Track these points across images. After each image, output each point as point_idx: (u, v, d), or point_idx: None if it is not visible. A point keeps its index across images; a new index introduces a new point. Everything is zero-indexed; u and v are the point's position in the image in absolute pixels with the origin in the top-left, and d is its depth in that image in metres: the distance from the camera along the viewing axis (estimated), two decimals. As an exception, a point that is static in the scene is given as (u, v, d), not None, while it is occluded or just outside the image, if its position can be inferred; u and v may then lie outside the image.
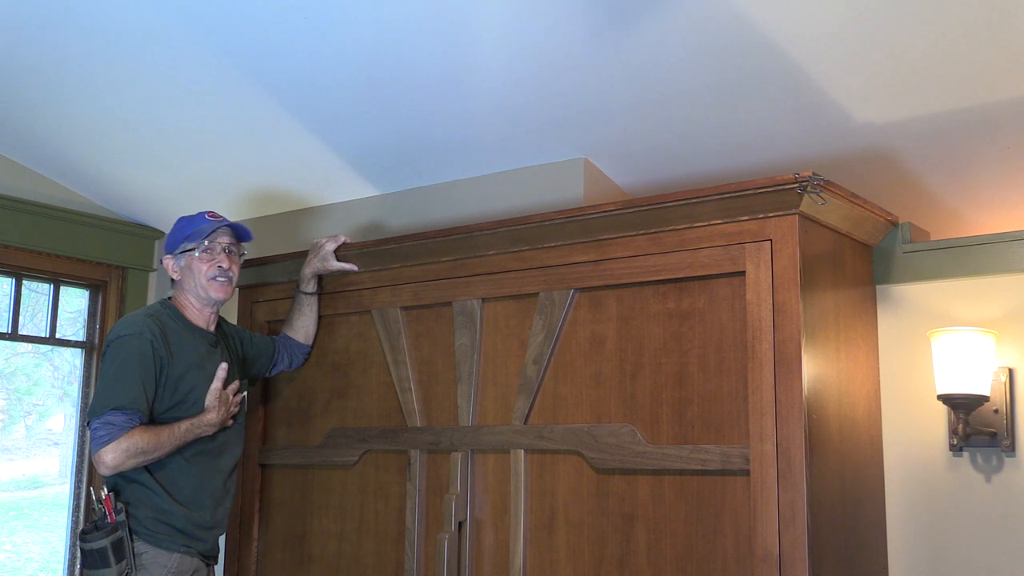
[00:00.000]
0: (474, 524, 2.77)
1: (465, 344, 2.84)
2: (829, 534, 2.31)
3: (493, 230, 2.78)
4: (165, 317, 2.77)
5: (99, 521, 2.62)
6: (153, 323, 2.72)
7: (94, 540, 2.58)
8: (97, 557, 2.58)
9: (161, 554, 2.65)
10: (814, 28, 2.43)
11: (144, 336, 2.68)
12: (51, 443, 4.35)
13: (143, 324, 2.71)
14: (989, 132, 2.69)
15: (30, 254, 3.92)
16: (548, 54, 2.68)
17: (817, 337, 2.36)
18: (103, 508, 2.62)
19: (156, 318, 2.74)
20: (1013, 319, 2.48)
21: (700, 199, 2.42)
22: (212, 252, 2.81)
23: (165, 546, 2.66)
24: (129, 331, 2.69)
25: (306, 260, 3.12)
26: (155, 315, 2.76)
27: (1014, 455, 2.44)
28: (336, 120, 3.22)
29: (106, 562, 2.57)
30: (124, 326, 2.73)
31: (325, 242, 3.11)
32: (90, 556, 2.58)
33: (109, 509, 2.61)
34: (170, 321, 2.76)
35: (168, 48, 2.93)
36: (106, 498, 2.62)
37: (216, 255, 2.82)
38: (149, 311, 2.79)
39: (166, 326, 2.74)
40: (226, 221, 2.85)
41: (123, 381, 2.63)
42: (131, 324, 2.72)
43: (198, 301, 2.83)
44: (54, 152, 3.78)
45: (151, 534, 2.65)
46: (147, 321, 2.72)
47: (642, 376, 2.53)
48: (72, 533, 4.03)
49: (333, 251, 3.10)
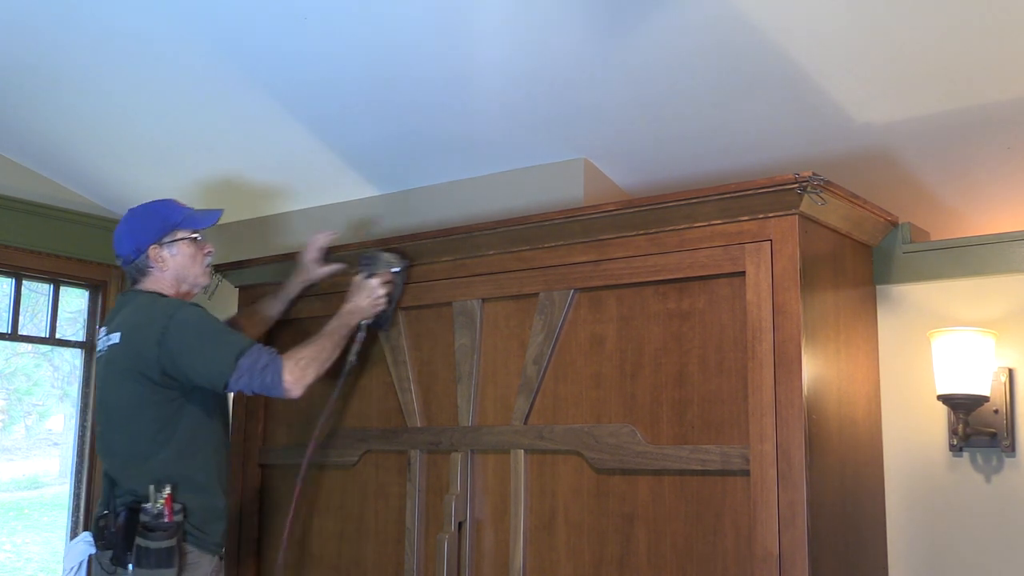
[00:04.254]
0: (474, 524, 2.77)
1: (465, 344, 2.84)
2: (829, 534, 2.31)
3: (493, 230, 2.78)
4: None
5: (153, 521, 2.55)
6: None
7: (160, 540, 2.52)
8: (163, 556, 2.52)
9: (204, 556, 2.63)
10: (814, 28, 2.43)
11: (186, 302, 2.66)
12: (51, 443, 4.36)
13: (174, 300, 2.68)
14: (989, 132, 2.69)
15: (30, 254, 3.92)
16: (548, 54, 2.68)
17: (817, 337, 2.36)
18: (161, 508, 2.56)
19: (167, 298, 2.71)
20: (1013, 319, 2.48)
21: (700, 199, 2.42)
22: (202, 238, 2.80)
23: (208, 548, 2.63)
24: (175, 307, 2.64)
25: (294, 274, 3.08)
26: (163, 297, 2.71)
27: (1014, 455, 2.44)
28: (336, 120, 3.21)
29: (170, 562, 2.52)
30: (164, 307, 2.64)
31: (307, 256, 3.06)
32: (155, 555, 2.51)
33: (169, 509, 2.56)
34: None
35: (168, 47, 2.93)
36: (167, 497, 2.56)
37: (206, 242, 2.80)
38: (154, 298, 2.72)
39: None
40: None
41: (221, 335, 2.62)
42: (167, 304, 2.66)
43: (187, 287, 2.78)
44: (54, 152, 3.78)
45: (199, 535, 2.62)
46: (171, 298, 2.69)
47: (642, 376, 2.53)
48: (72, 533, 4.03)
49: (314, 259, 3.05)
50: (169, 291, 2.75)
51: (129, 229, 2.78)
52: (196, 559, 2.61)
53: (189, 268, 2.76)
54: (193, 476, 2.64)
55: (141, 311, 2.68)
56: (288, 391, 2.59)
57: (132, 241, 2.76)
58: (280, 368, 2.59)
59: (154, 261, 2.74)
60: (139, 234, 2.75)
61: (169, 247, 2.74)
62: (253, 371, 2.57)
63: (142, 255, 2.74)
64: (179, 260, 2.75)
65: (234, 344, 2.60)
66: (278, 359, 2.60)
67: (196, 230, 2.78)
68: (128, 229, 2.79)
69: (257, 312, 3.13)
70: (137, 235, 2.75)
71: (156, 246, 2.73)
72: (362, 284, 2.84)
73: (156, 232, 2.74)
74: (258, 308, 3.14)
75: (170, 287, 2.76)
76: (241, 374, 2.56)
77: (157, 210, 2.78)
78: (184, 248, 2.75)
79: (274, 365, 2.59)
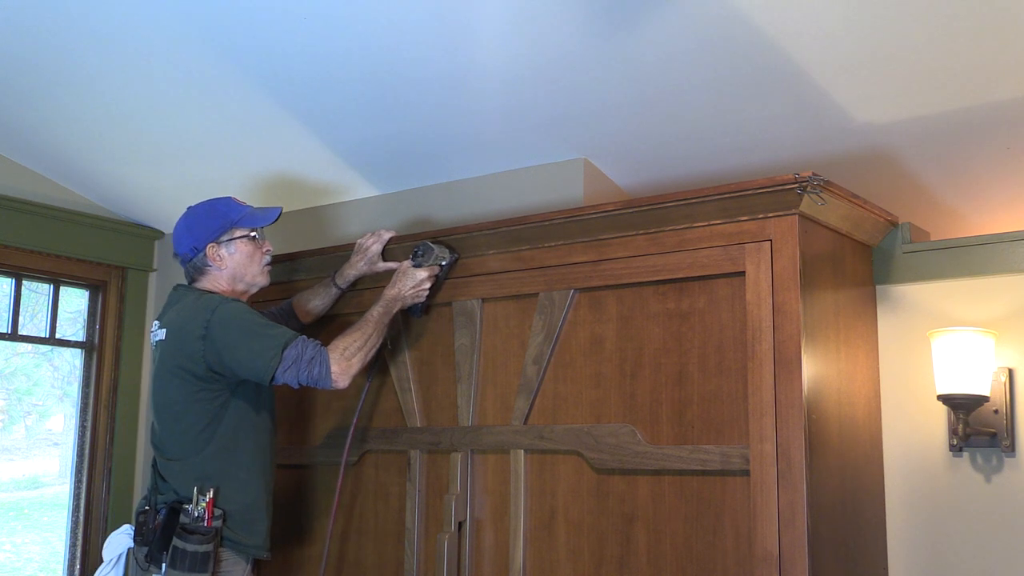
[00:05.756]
0: (474, 524, 2.77)
1: (465, 344, 2.84)
2: (829, 534, 2.31)
3: (493, 230, 2.78)
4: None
5: (192, 524, 2.53)
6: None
7: (197, 543, 2.50)
8: (199, 561, 2.49)
9: (239, 562, 2.61)
10: (814, 28, 2.43)
11: (230, 298, 2.63)
12: (51, 443, 4.35)
13: (218, 296, 2.64)
14: (989, 132, 2.69)
15: (30, 254, 3.91)
16: (548, 54, 2.68)
17: (817, 337, 2.36)
18: (203, 511, 2.54)
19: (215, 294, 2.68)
20: (1013, 319, 2.48)
21: (700, 199, 2.42)
22: (261, 237, 2.75)
23: (243, 553, 2.61)
24: (217, 301, 2.60)
25: (350, 260, 3.01)
26: (211, 294, 2.68)
27: (1014, 455, 2.44)
28: (336, 120, 3.21)
29: (204, 568, 2.49)
30: (208, 303, 2.60)
31: (371, 243, 2.98)
32: (191, 559, 2.49)
33: (210, 513, 2.54)
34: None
35: (168, 47, 2.93)
36: (209, 501, 2.55)
37: (265, 240, 2.76)
38: (202, 294, 2.68)
39: None
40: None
41: (265, 327, 2.57)
42: (211, 299, 2.62)
43: (244, 287, 2.74)
44: (54, 152, 3.78)
45: (237, 540, 2.60)
46: (217, 295, 2.66)
47: (642, 376, 2.53)
48: (72, 533, 4.03)
49: (380, 252, 2.98)
50: (225, 290, 2.71)
51: (187, 227, 2.73)
52: (230, 567, 2.59)
53: (247, 267, 2.72)
54: (236, 473, 2.62)
55: (186, 309, 2.64)
56: (336, 382, 2.56)
57: (190, 239, 2.71)
58: (327, 359, 2.55)
59: (212, 260, 2.70)
60: (197, 232, 2.70)
61: (227, 246, 2.70)
62: (300, 363, 2.53)
63: (200, 254, 2.70)
64: (237, 259, 2.71)
65: (279, 336, 2.55)
66: (324, 351, 2.57)
67: (255, 228, 2.74)
68: (186, 227, 2.74)
69: (311, 300, 3.06)
70: (195, 233, 2.71)
71: (214, 244, 2.69)
72: (409, 272, 2.80)
73: (214, 231, 2.70)
74: (310, 297, 3.07)
75: (227, 286, 2.72)
76: (287, 366, 2.52)
77: (216, 208, 2.73)
78: (242, 247, 2.71)
79: (321, 357, 2.55)
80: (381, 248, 2.97)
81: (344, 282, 3.03)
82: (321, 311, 3.07)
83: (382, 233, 2.99)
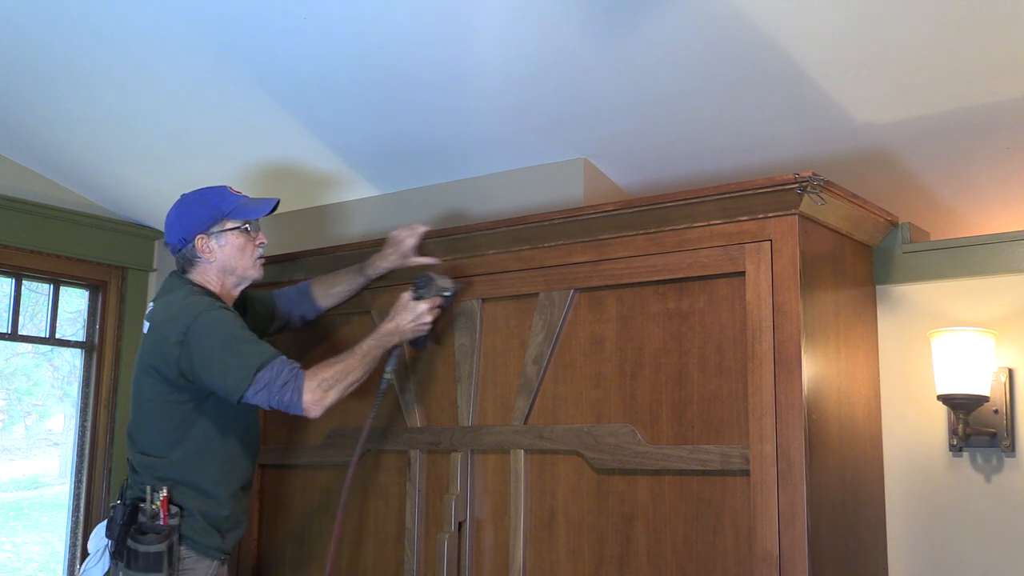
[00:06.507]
0: (474, 524, 2.77)
1: (465, 344, 2.84)
2: (829, 534, 2.31)
3: (493, 230, 2.77)
4: (209, 296, 2.60)
5: (149, 523, 2.51)
6: (212, 298, 2.57)
7: (150, 543, 2.47)
8: (152, 561, 2.46)
9: (202, 561, 2.57)
10: (814, 28, 2.43)
11: (217, 304, 2.54)
12: (51, 443, 4.35)
13: (206, 299, 2.55)
14: (989, 132, 2.69)
15: (30, 254, 3.92)
16: (548, 54, 2.68)
17: (817, 337, 2.36)
18: (157, 509, 2.51)
19: (204, 295, 2.59)
20: (1013, 319, 2.48)
21: (700, 199, 2.42)
22: (254, 229, 2.68)
23: (207, 553, 2.58)
24: (202, 308, 2.51)
25: (382, 252, 2.89)
26: (201, 293, 2.59)
27: (1014, 455, 2.44)
28: (336, 120, 3.21)
29: (159, 567, 2.46)
30: (191, 307, 2.52)
31: (405, 237, 2.85)
32: (143, 559, 2.46)
33: (165, 512, 2.51)
34: (216, 300, 2.61)
35: (168, 48, 2.93)
36: (163, 500, 2.51)
37: (258, 233, 2.69)
38: (191, 292, 2.59)
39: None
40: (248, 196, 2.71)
41: (244, 344, 2.48)
42: (196, 304, 2.53)
43: (235, 280, 2.67)
44: (54, 152, 3.78)
45: (196, 539, 2.56)
46: (205, 297, 2.57)
47: (642, 376, 2.53)
48: (72, 533, 4.03)
49: (413, 246, 2.85)
50: (215, 283, 2.64)
51: (177, 216, 2.66)
52: (193, 564, 2.56)
53: (237, 260, 2.64)
54: (200, 483, 2.58)
55: (172, 306, 2.58)
56: (307, 412, 2.48)
57: (179, 230, 2.64)
58: (301, 387, 2.46)
59: (201, 252, 2.62)
60: (187, 222, 2.63)
61: (217, 238, 2.62)
62: (272, 387, 2.45)
63: (188, 245, 2.63)
64: (227, 251, 2.63)
65: (256, 355, 2.47)
66: (300, 376, 2.48)
67: (247, 220, 2.66)
68: (176, 216, 2.66)
69: (335, 284, 2.96)
70: (185, 223, 2.63)
71: (203, 236, 2.61)
72: (409, 305, 2.68)
73: (204, 221, 2.61)
74: (334, 281, 2.97)
75: (216, 279, 2.65)
76: (259, 388, 2.45)
77: (207, 198, 2.65)
78: (233, 239, 2.63)
79: (295, 383, 2.46)
80: (415, 243, 2.86)
81: (374, 272, 2.91)
82: (343, 298, 2.98)
83: (416, 227, 2.86)
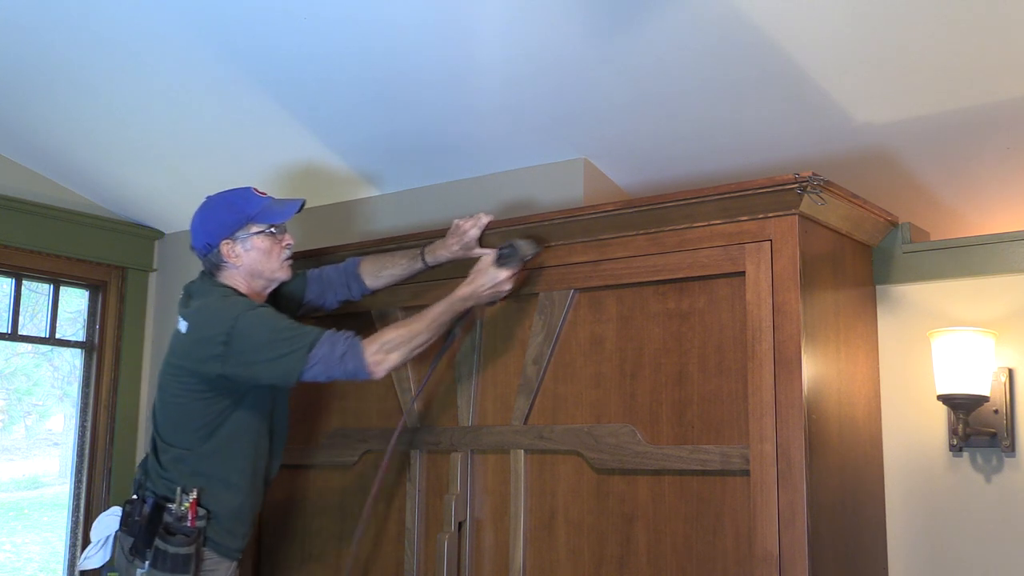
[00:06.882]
0: (474, 524, 2.77)
1: (465, 344, 2.84)
2: (829, 534, 2.31)
3: (493, 230, 2.77)
4: (243, 296, 2.60)
5: (176, 524, 2.51)
6: (246, 298, 2.57)
7: (180, 545, 2.47)
8: (180, 562, 2.46)
9: (223, 562, 2.59)
10: (814, 28, 2.43)
11: (254, 304, 2.54)
12: (51, 443, 4.35)
13: (243, 300, 2.55)
14: (989, 132, 2.69)
15: (30, 254, 3.92)
16: (548, 54, 2.68)
17: (817, 337, 2.36)
18: (185, 511, 2.51)
19: (238, 295, 2.58)
20: (1013, 319, 2.48)
21: (700, 199, 2.42)
22: (280, 231, 2.65)
23: (227, 554, 2.59)
24: (241, 309, 2.50)
25: (444, 242, 2.78)
26: (235, 294, 2.58)
27: (1014, 455, 2.44)
28: (336, 120, 3.22)
29: (186, 569, 2.47)
30: (231, 307, 2.51)
31: (469, 227, 2.74)
32: (172, 560, 2.46)
33: (193, 514, 2.51)
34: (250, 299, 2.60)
35: (168, 48, 2.93)
36: (192, 501, 2.51)
37: (284, 234, 2.66)
38: (226, 293, 2.58)
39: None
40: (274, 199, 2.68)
41: (287, 331, 2.46)
42: (235, 305, 2.52)
43: (263, 283, 2.65)
44: (54, 152, 3.78)
45: (221, 541, 2.58)
46: (241, 297, 2.56)
47: (642, 376, 2.53)
48: (72, 533, 4.03)
49: (477, 237, 2.74)
50: (243, 287, 2.62)
51: (202, 221, 2.63)
52: (214, 565, 2.58)
53: (264, 263, 2.61)
54: (228, 476, 2.59)
55: (209, 308, 2.56)
56: (372, 374, 2.47)
57: (204, 235, 2.61)
58: (360, 352, 2.45)
59: (227, 256, 2.60)
60: (212, 227, 2.60)
61: (243, 242, 2.59)
62: (330, 360, 2.44)
63: (214, 250, 2.60)
64: (253, 255, 2.60)
65: (303, 337, 2.46)
66: (356, 344, 2.46)
67: (273, 224, 2.63)
68: (201, 221, 2.64)
69: (387, 266, 2.88)
70: (209, 229, 2.60)
71: (228, 241, 2.59)
72: (490, 271, 2.59)
73: (229, 226, 2.59)
74: (387, 263, 2.88)
75: (244, 283, 2.62)
76: (315, 364, 2.44)
77: (231, 201, 2.62)
78: (258, 243, 2.60)
79: (353, 351, 2.45)
80: (479, 233, 2.74)
81: (434, 261, 2.80)
82: (394, 281, 2.88)
83: (480, 217, 2.75)
